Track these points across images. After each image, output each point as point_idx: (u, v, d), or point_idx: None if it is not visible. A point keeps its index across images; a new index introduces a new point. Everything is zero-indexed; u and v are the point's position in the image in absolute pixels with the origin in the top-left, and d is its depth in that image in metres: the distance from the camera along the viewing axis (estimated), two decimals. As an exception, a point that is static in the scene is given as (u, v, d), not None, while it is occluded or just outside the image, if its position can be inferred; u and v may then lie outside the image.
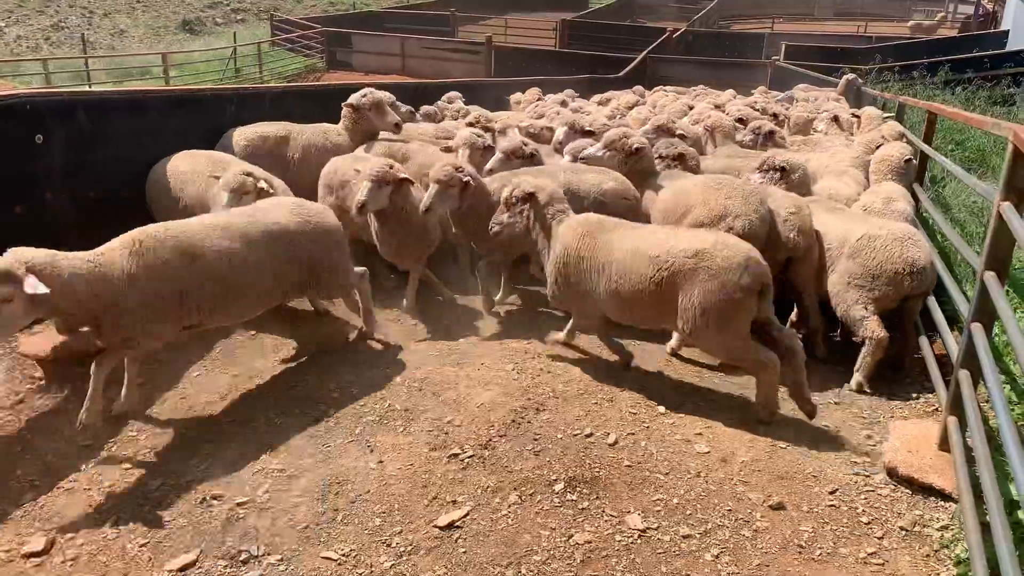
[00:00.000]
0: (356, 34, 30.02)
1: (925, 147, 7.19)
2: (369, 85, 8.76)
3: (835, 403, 5.18)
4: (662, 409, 4.78)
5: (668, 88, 17.45)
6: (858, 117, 10.00)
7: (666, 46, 29.69)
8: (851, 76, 16.11)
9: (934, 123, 7.37)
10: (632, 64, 24.80)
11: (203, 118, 7.64)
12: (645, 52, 26.73)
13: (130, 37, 39.11)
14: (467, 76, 26.44)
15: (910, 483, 4.04)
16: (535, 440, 4.35)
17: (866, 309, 5.50)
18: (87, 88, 22.24)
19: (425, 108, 11.21)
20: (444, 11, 37.45)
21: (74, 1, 42.60)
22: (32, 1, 40.73)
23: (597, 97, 14.84)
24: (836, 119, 9.95)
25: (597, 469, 4.12)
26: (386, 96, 8.06)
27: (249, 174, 5.92)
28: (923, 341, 5.77)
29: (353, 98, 7.97)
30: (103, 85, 23.87)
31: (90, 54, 27.45)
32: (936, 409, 4.99)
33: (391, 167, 5.99)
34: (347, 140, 7.92)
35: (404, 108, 8.65)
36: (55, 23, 39.16)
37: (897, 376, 5.65)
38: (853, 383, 5.46)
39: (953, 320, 5.62)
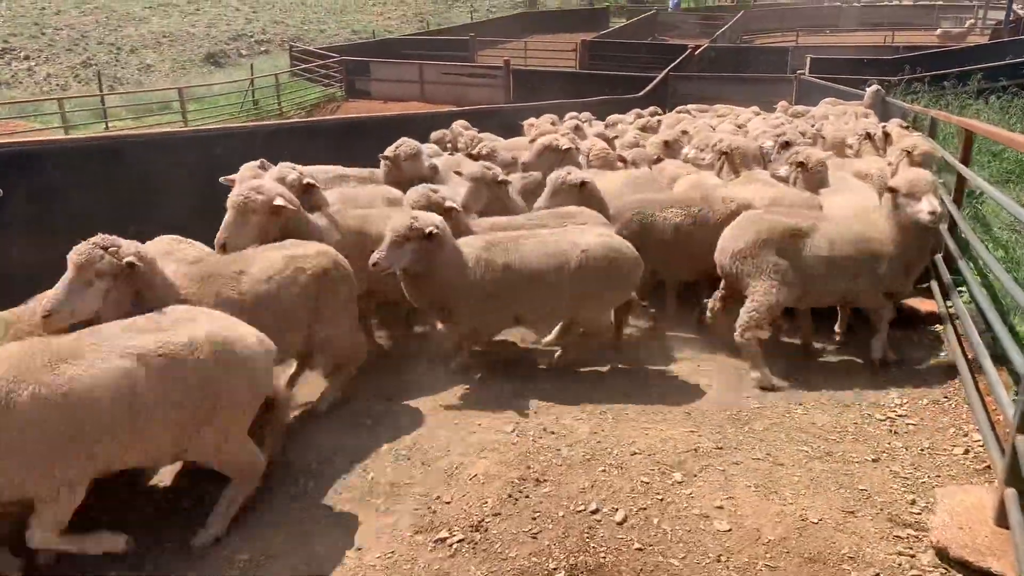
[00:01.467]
0: (374, 62, 29.89)
1: (962, 168, 6.62)
2: (379, 114, 8.42)
3: (872, 460, 4.64)
4: (678, 476, 4.27)
5: (691, 107, 16.97)
6: (887, 134, 9.46)
7: (688, 63, 29.21)
8: (875, 88, 15.53)
9: (971, 142, 6.79)
10: (653, 83, 24.33)
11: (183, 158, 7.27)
12: (666, 70, 26.27)
13: (156, 72, 39.58)
14: (486, 101, 26.16)
15: (964, 567, 3.50)
16: (533, 519, 3.87)
17: None
18: (103, 127, 22.29)
19: (435, 133, 10.88)
20: (463, 36, 37.31)
21: (102, 38, 43.34)
22: (62, 40, 41.50)
23: (612, 117, 14.36)
24: (869, 136, 9.39)
25: (603, 554, 3.63)
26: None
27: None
28: (966, 381, 5.26)
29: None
30: (122, 122, 23.92)
31: (106, 91, 27.50)
32: (988, 466, 4.44)
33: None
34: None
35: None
36: (83, 60, 39.78)
37: (939, 424, 5.10)
38: None
39: (1000, 359, 5.08)
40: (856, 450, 4.76)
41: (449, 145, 10.89)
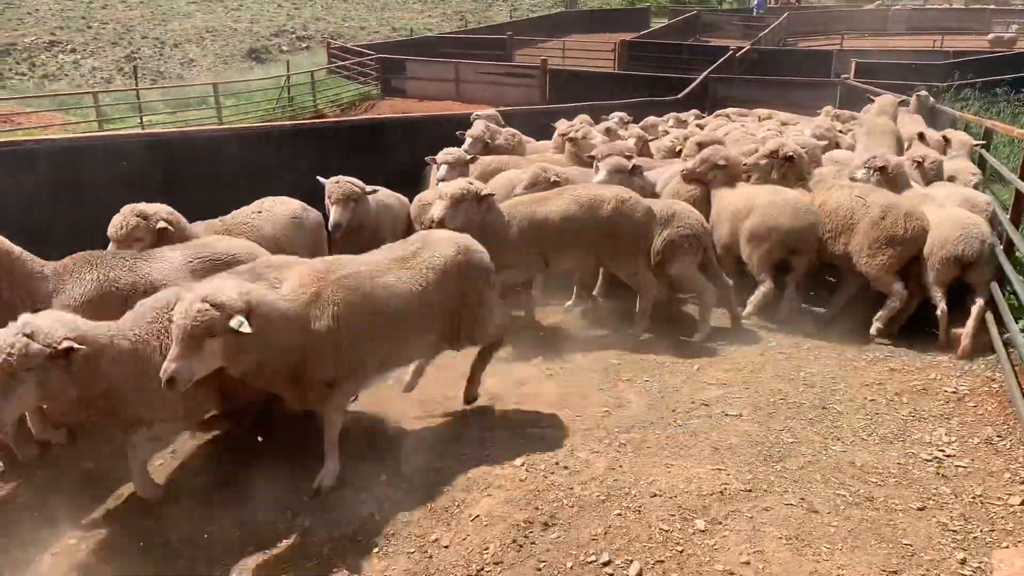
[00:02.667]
0: (410, 60, 29.63)
1: (1020, 184, 6.10)
2: (395, 116, 8.15)
3: (918, 508, 4.22)
4: (701, 524, 3.88)
5: (730, 111, 16.47)
6: (947, 139, 9.03)
7: (729, 65, 28.53)
8: (922, 93, 14.90)
9: (1033, 156, 6.30)
10: (691, 85, 23.76)
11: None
12: (706, 72, 25.65)
13: (199, 67, 39.85)
14: (522, 101, 25.75)
15: (1024, 648, 3.10)
16: (538, 570, 3.52)
17: None
18: (138, 122, 22.32)
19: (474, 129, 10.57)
20: (501, 35, 36.92)
21: (147, 33, 43.83)
22: (108, 34, 42.03)
23: (649, 120, 13.88)
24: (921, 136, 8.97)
25: (613, 614, 3.27)
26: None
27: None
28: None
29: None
30: (157, 116, 23.93)
31: (144, 86, 27.65)
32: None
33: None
34: None
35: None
36: (128, 55, 40.22)
37: (992, 467, 4.65)
38: None
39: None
40: (899, 496, 4.34)
41: (490, 141, 10.56)
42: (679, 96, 22.35)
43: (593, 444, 4.71)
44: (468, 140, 9.32)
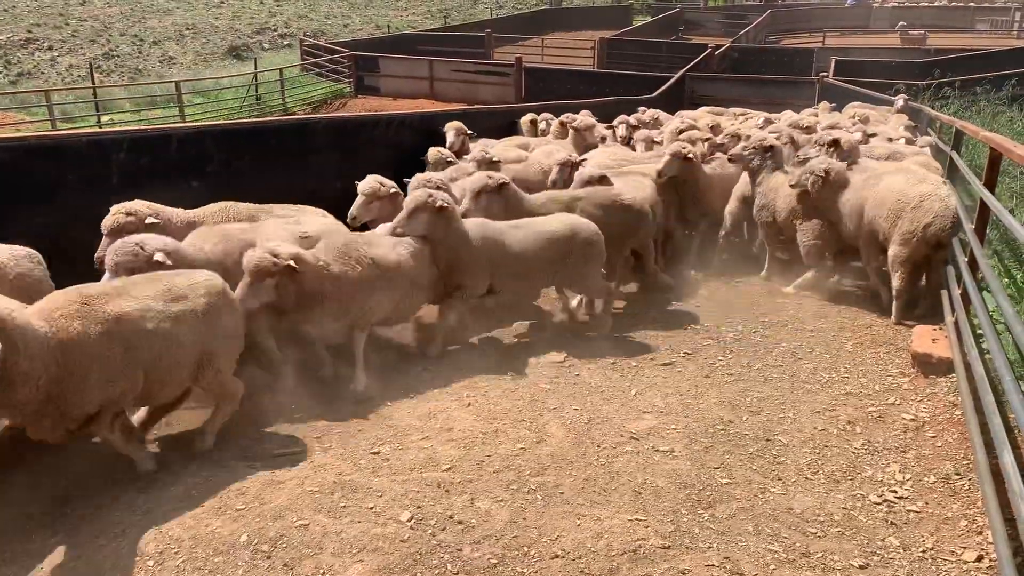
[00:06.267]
0: (383, 58, 29.02)
1: (986, 194, 5.56)
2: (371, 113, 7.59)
3: (859, 567, 3.69)
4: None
5: (702, 110, 15.99)
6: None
7: (708, 63, 28.06)
8: (904, 95, 14.50)
9: (997, 165, 5.75)
10: (668, 83, 23.27)
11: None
12: (683, 70, 25.18)
13: (178, 64, 39.17)
14: (497, 99, 25.27)
15: None
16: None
17: None
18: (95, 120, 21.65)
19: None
20: (479, 32, 36.34)
21: (125, 30, 43.12)
22: (85, 31, 41.29)
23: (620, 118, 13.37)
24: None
25: None
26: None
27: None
28: (979, 457, 4.30)
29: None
30: (120, 115, 23.27)
31: (108, 83, 27.00)
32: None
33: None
34: None
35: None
36: (106, 52, 39.50)
37: (947, 512, 4.15)
38: None
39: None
40: (840, 550, 3.82)
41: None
42: (654, 94, 21.86)
43: (498, 491, 4.14)
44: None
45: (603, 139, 11.18)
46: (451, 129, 10.66)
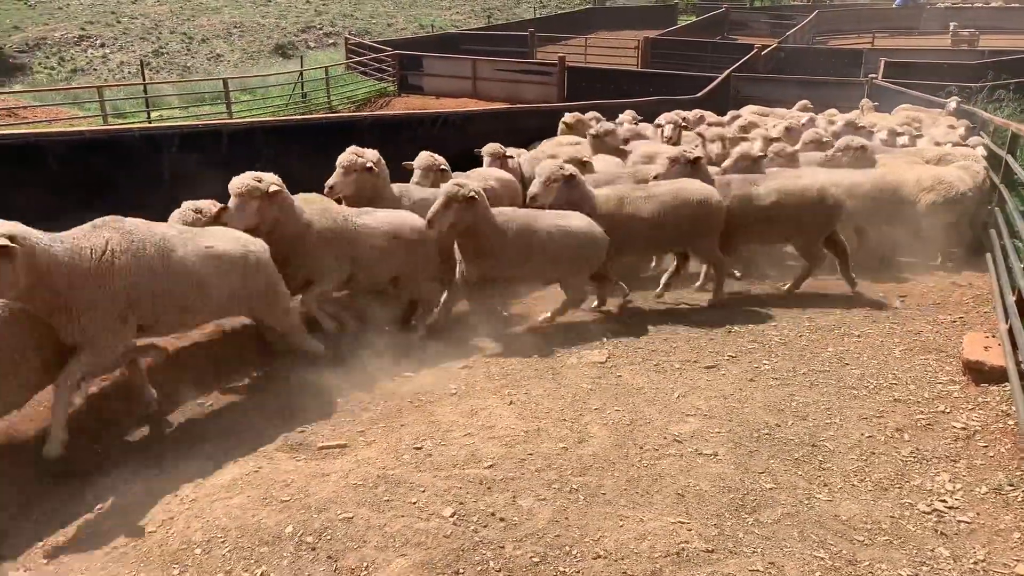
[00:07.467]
0: (426, 57, 29.15)
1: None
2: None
3: (908, 576, 3.63)
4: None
5: (747, 108, 15.84)
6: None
7: (754, 64, 27.72)
8: (957, 98, 14.22)
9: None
10: (713, 83, 23.04)
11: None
12: (728, 71, 24.91)
13: (226, 62, 39.79)
14: (540, 99, 25.24)
15: None
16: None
17: None
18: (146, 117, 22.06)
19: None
20: (523, 32, 36.32)
21: (175, 28, 43.94)
22: (136, 29, 42.19)
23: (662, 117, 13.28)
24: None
25: None
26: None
27: None
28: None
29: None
30: (169, 111, 23.72)
31: (157, 80, 27.49)
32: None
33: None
34: None
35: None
36: (156, 49, 40.32)
37: (1000, 524, 4.05)
38: None
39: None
40: (888, 559, 3.75)
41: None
42: (699, 95, 21.67)
43: (540, 489, 4.14)
44: None
45: (626, 141, 10.90)
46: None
